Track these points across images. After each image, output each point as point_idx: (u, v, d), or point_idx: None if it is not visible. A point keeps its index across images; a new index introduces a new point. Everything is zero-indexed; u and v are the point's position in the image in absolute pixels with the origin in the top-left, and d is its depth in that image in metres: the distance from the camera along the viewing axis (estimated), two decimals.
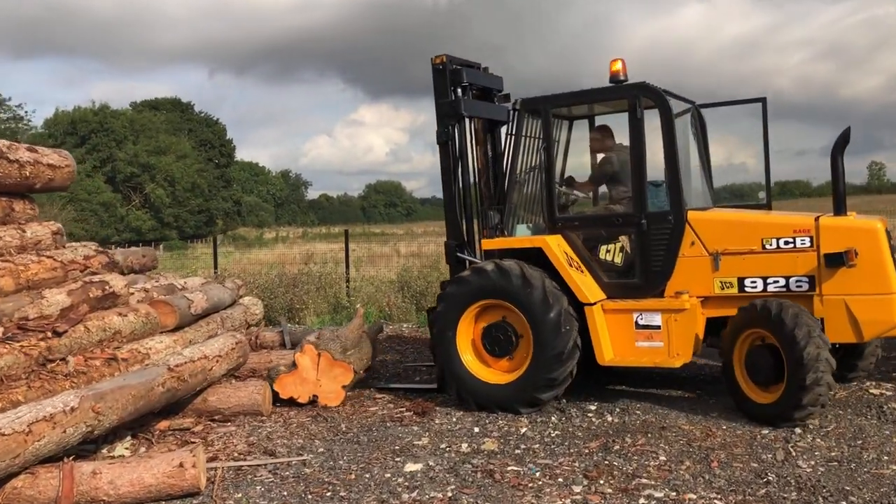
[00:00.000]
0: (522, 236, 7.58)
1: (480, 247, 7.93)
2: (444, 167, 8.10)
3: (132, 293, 10.07)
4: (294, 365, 8.02)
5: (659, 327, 6.95)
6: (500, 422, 6.98)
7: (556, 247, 7.13)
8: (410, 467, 5.88)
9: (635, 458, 5.90)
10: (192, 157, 75.11)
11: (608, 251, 7.26)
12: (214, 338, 8.29)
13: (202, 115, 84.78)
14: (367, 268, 21.96)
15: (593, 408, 7.22)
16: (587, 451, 6.11)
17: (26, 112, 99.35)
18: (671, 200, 7.03)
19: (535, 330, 6.95)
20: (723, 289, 6.93)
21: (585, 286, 7.06)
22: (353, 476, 5.77)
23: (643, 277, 7.12)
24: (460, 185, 8.08)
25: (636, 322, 7.02)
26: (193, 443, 6.75)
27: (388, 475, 5.75)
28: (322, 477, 5.78)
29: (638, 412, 7.02)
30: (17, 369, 6.10)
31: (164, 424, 7.24)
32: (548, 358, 6.90)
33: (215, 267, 20.28)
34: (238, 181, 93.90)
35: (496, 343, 7.23)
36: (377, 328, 10.11)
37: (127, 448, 6.60)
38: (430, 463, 5.96)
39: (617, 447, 6.15)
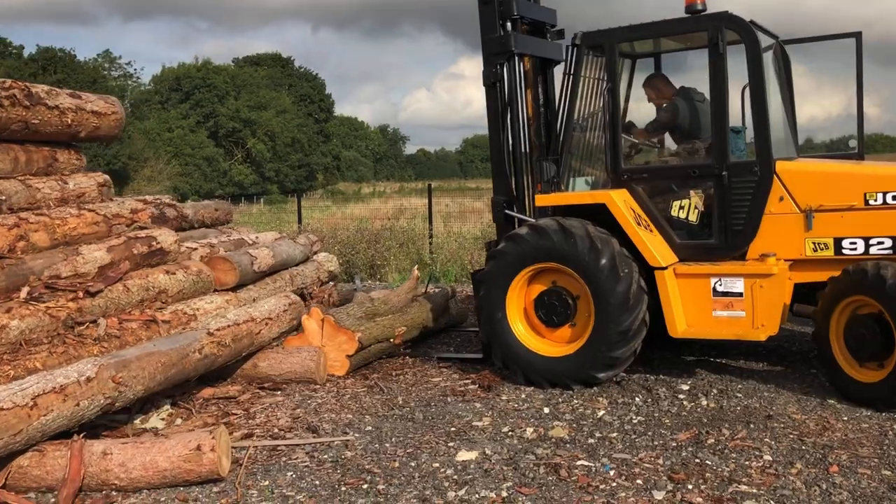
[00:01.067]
0: (581, 191, 6.84)
1: (532, 203, 7.21)
2: (491, 113, 7.36)
3: (195, 248, 9.81)
4: (300, 328, 7.57)
5: (741, 294, 6.14)
6: (576, 401, 6.24)
7: (622, 203, 6.37)
8: (464, 455, 5.21)
9: (733, 455, 4.99)
10: (291, 112, 75.81)
11: (681, 207, 6.45)
12: (265, 298, 7.88)
13: (301, 70, 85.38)
14: (455, 223, 21.49)
15: (686, 388, 6.38)
16: (674, 444, 5.21)
17: (136, 70, 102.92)
18: (757, 149, 6.17)
19: (598, 301, 6.26)
20: (815, 251, 6.08)
21: (655, 247, 6.29)
22: (396, 464, 5.15)
23: (723, 237, 6.30)
24: (509, 132, 7.33)
25: (714, 288, 6.22)
26: (235, 415, 6.36)
27: (437, 464, 5.11)
28: (363, 463, 5.18)
29: (739, 395, 6.13)
30: (40, 333, 5.80)
31: (207, 392, 6.87)
32: (610, 335, 6.24)
33: (299, 221, 20.13)
34: (337, 136, 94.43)
35: (552, 311, 6.55)
36: (444, 294, 9.51)
37: (163, 418, 6.23)
38: (487, 451, 5.27)
39: (711, 441, 5.23)
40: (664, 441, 5.30)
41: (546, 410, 6.08)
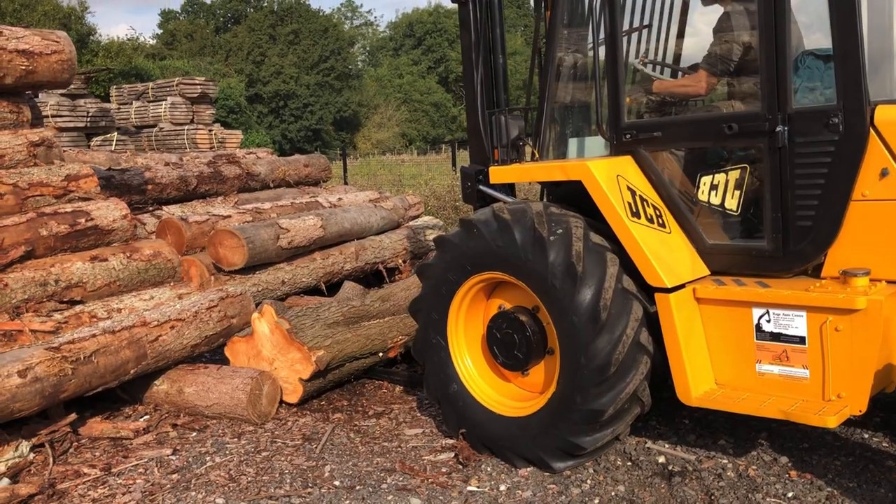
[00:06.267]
0: (573, 159, 4.37)
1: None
2: (464, 37, 4.96)
3: (227, 216, 8.40)
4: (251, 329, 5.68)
5: (803, 340, 3.53)
6: None
7: (610, 180, 3.85)
8: None
9: None
10: (524, 54, 73.66)
11: (714, 187, 3.84)
12: (190, 295, 6.13)
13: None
14: None
15: None
16: None
17: (375, 17, 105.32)
18: (841, 85, 3.46)
19: (559, 326, 3.87)
20: None
21: (661, 255, 3.77)
22: None
23: (777, 239, 3.68)
24: (491, 66, 4.94)
25: (758, 326, 3.65)
26: (85, 476, 4.61)
27: None
28: None
29: None
30: None
31: (97, 427, 5.20)
32: (583, 374, 3.81)
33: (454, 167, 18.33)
34: None
35: (508, 346, 4.21)
36: None
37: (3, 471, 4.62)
38: None
39: None
40: None
41: None
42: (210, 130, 16.98)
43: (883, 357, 3.47)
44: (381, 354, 5.97)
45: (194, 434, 5.19)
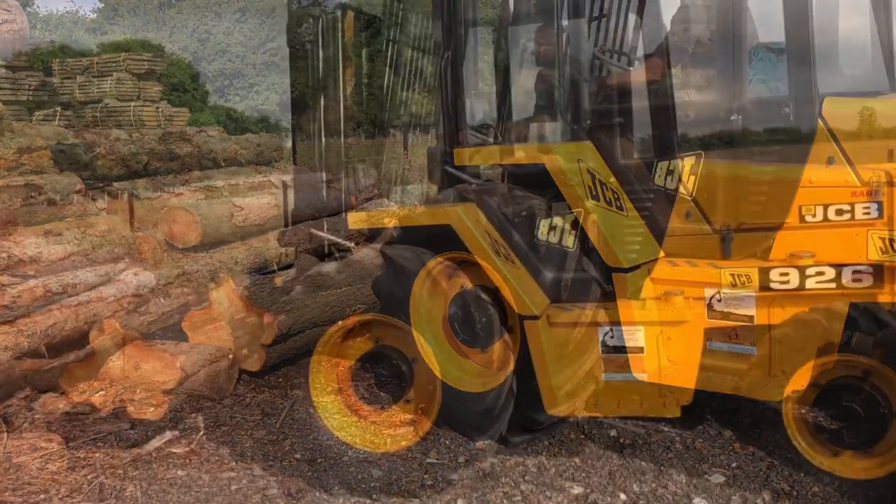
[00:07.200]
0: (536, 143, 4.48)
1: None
2: (435, 18, 4.96)
3: (180, 193, 8.36)
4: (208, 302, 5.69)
5: (752, 319, 3.72)
6: None
7: (570, 164, 3.96)
8: None
9: None
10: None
11: (669, 173, 4.01)
12: (146, 271, 6.13)
13: None
14: None
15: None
16: None
17: None
18: (793, 78, 3.64)
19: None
20: (886, 251, 3.55)
21: (617, 238, 3.90)
22: None
23: (729, 223, 3.85)
24: (462, 40, 4.93)
25: (709, 305, 3.82)
26: (42, 450, 4.63)
27: None
28: None
29: None
30: None
31: (54, 402, 5.17)
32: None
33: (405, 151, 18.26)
34: None
35: (469, 324, 4.30)
36: None
37: None
38: None
39: None
40: None
41: None
42: (157, 108, 16.71)
43: (822, 335, 3.66)
44: (340, 323, 6.04)
45: (152, 409, 5.20)
